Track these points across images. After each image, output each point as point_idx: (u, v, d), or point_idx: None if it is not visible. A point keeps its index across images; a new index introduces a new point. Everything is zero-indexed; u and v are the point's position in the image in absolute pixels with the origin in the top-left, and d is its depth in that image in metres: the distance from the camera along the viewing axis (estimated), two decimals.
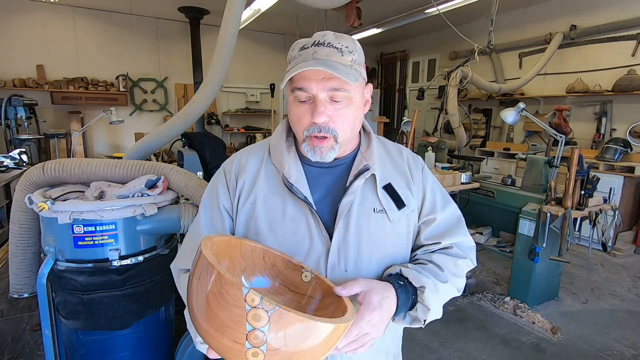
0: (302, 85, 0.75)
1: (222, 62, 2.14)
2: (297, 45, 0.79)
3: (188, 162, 2.47)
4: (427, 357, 2.38)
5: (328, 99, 0.75)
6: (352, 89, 0.76)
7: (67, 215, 1.44)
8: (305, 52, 0.75)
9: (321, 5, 2.52)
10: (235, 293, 0.51)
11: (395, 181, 0.85)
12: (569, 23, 5.08)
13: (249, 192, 0.84)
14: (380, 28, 6.25)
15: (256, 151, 0.89)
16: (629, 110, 4.64)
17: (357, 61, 0.77)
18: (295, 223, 0.80)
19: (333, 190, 0.83)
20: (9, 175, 3.61)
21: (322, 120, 0.75)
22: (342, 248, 0.79)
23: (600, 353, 2.44)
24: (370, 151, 0.85)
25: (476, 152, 5.88)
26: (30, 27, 5.67)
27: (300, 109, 0.77)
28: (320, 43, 0.75)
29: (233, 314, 0.52)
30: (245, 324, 0.51)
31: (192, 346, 1.69)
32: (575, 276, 3.57)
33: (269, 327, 0.51)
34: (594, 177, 2.71)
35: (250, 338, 0.51)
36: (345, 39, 0.77)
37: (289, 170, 0.81)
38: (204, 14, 5.91)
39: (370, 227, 0.80)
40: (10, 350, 2.29)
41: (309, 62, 0.72)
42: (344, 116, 0.77)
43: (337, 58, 0.74)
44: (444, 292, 0.82)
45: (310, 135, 0.77)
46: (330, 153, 0.79)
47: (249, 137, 7.32)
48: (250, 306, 0.51)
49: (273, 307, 0.51)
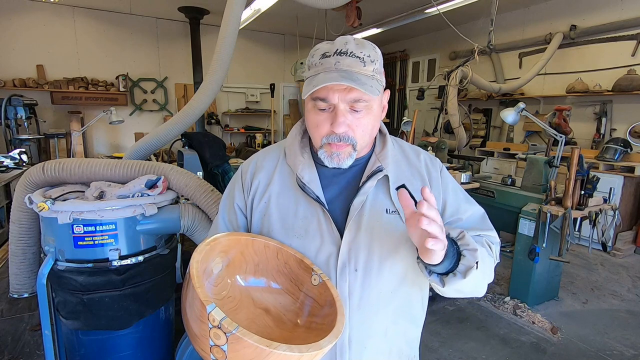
0: (324, 96, 0.75)
1: (222, 62, 2.14)
2: (317, 51, 0.78)
3: (188, 162, 2.47)
4: (427, 357, 2.38)
5: (348, 109, 0.76)
6: (373, 99, 0.77)
7: (67, 215, 1.44)
8: (327, 61, 0.75)
9: (321, 5, 2.52)
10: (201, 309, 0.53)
11: (410, 182, 0.84)
12: (569, 23, 5.08)
13: (263, 192, 0.86)
14: (380, 28, 6.25)
15: (273, 152, 0.92)
16: (629, 110, 4.64)
17: (378, 70, 0.78)
18: (307, 222, 0.81)
19: (345, 191, 0.84)
20: (9, 175, 3.60)
21: (342, 130, 0.76)
22: (353, 247, 0.80)
23: (600, 353, 2.44)
24: (385, 152, 0.86)
25: (476, 152, 5.88)
26: (30, 27, 5.67)
27: (320, 116, 0.78)
28: (342, 52, 0.74)
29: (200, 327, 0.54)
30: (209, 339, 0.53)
31: (192, 346, 1.69)
32: (575, 276, 3.57)
33: (228, 348, 0.53)
34: (594, 177, 2.71)
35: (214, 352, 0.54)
36: (366, 47, 0.76)
37: (302, 171, 0.83)
38: (204, 14, 5.91)
39: (382, 227, 0.80)
40: (10, 350, 2.29)
41: (333, 75, 0.72)
42: (363, 125, 0.78)
43: (360, 69, 0.74)
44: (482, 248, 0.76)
45: (330, 142, 0.78)
46: (347, 160, 0.80)
47: (249, 137, 7.32)
48: (212, 325, 0.53)
49: (232, 329, 0.52)
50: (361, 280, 0.80)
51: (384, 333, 0.84)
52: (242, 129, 7.38)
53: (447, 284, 0.71)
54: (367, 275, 0.80)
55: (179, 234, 1.84)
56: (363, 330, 0.81)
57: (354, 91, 0.73)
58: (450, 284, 0.70)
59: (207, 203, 1.67)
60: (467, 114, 5.33)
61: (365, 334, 0.82)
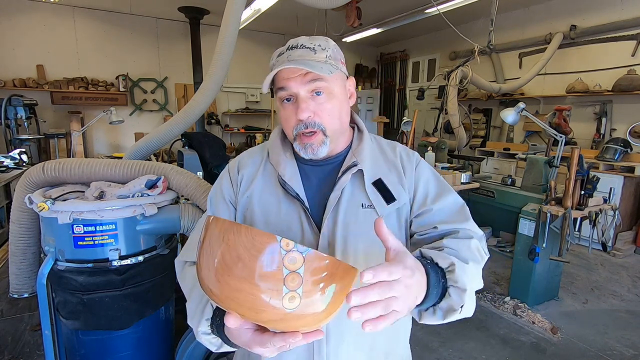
0: (283, 85, 0.79)
1: (222, 62, 2.14)
2: (275, 53, 0.83)
3: (188, 162, 2.47)
4: (427, 357, 2.38)
5: (309, 95, 0.79)
6: (332, 81, 0.80)
7: (67, 215, 1.44)
8: (282, 57, 0.80)
9: (321, 5, 2.52)
10: (269, 241, 0.55)
11: (386, 176, 0.86)
12: (569, 23, 5.08)
13: (247, 186, 0.88)
14: (380, 28, 6.26)
15: (257, 152, 0.95)
16: (629, 110, 4.64)
17: (332, 57, 0.81)
18: (289, 219, 0.84)
19: (323, 187, 0.86)
20: (9, 175, 3.61)
21: (306, 115, 0.78)
22: (331, 242, 0.82)
23: (600, 353, 2.44)
24: (361, 148, 0.88)
25: (476, 152, 5.88)
26: (30, 27, 5.67)
27: (287, 110, 0.81)
28: (293, 47, 0.80)
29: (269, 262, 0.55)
30: (283, 269, 0.54)
31: (192, 346, 1.69)
32: (575, 276, 3.57)
33: (304, 269, 0.54)
34: (594, 177, 2.71)
35: (288, 282, 0.54)
36: (317, 39, 0.81)
37: (284, 169, 0.85)
38: (204, 14, 5.91)
39: (357, 222, 0.82)
40: (10, 350, 2.29)
41: (284, 64, 0.77)
42: (328, 109, 0.80)
43: (311, 56, 0.78)
44: (470, 274, 0.71)
45: (299, 133, 0.81)
46: (321, 148, 0.81)
47: (249, 137, 7.32)
48: (285, 250, 0.54)
49: (306, 249, 0.54)
50: None
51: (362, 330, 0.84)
52: (242, 129, 7.38)
53: (423, 319, 0.69)
54: None
55: (179, 234, 1.84)
56: (341, 324, 0.81)
57: (308, 75, 0.77)
58: (426, 320, 0.69)
59: None
60: (467, 114, 5.33)
61: (343, 327, 0.82)
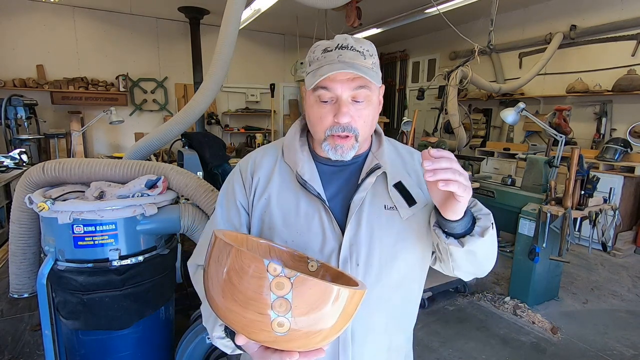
0: (328, 85, 0.77)
1: (222, 62, 2.14)
2: (318, 47, 0.81)
3: (188, 162, 2.47)
4: (427, 357, 2.38)
5: (350, 100, 0.78)
6: (373, 89, 0.80)
7: (67, 215, 1.44)
8: (329, 55, 0.78)
9: (321, 5, 2.52)
10: (257, 265, 0.54)
11: (405, 179, 0.86)
12: (569, 23, 5.08)
13: (263, 189, 0.87)
14: (380, 28, 6.25)
15: (270, 150, 0.93)
16: (629, 110, 4.64)
17: (376, 64, 0.81)
18: (309, 219, 0.83)
19: (345, 188, 0.86)
20: (9, 175, 3.61)
21: (346, 120, 0.77)
22: (354, 243, 0.81)
23: (600, 353, 2.44)
24: (381, 151, 0.88)
25: (476, 152, 5.88)
26: (30, 27, 5.68)
27: (323, 109, 0.80)
28: (344, 46, 0.78)
29: (257, 286, 0.54)
30: (270, 294, 0.54)
31: (192, 346, 1.69)
32: (575, 276, 3.57)
33: (293, 294, 0.53)
34: (594, 177, 2.71)
35: (275, 307, 0.54)
36: (365, 43, 0.80)
37: (302, 168, 0.84)
38: (204, 14, 5.91)
39: (381, 223, 0.82)
40: (10, 350, 2.29)
41: (337, 65, 0.75)
42: (365, 116, 0.80)
43: (361, 61, 0.77)
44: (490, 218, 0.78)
45: (333, 134, 0.80)
46: (350, 152, 0.81)
47: (249, 137, 7.32)
48: (272, 275, 0.53)
49: (294, 274, 0.53)
50: (363, 274, 0.81)
51: (384, 328, 0.85)
52: (242, 129, 7.38)
53: (466, 244, 0.73)
54: (368, 270, 0.81)
55: (179, 234, 1.84)
56: (365, 325, 0.83)
57: (357, 80, 0.76)
58: (469, 244, 0.73)
59: (207, 203, 1.67)
60: (467, 114, 5.33)
61: (367, 328, 0.83)
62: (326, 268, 0.79)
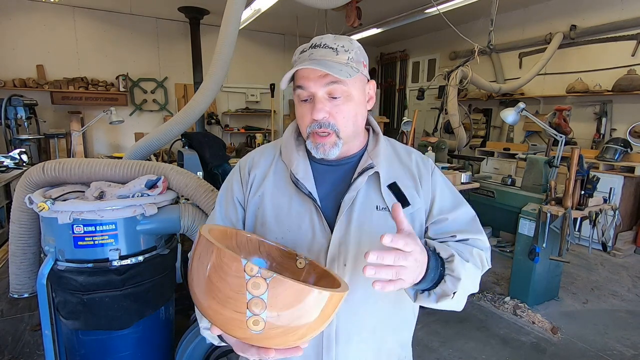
0: (301, 84, 0.79)
1: (222, 62, 2.14)
2: (298, 50, 0.84)
3: (188, 162, 2.47)
4: (427, 357, 2.38)
5: (327, 96, 0.79)
6: (350, 84, 0.79)
7: (67, 215, 1.44)
8: (304, 55, 0.81)
9: (321, 5, 2.52)
10: (235, 265, 0.55)
11: (401, 180, 0.86)
12: (569, 23, 5.08)
13: (258, 186, 0.89)
14: (380, 28, 6.25)
15: (269, 149, 0.95)
16: (629, 110, 4.64)
17: (354, 59, 0.80)
18: (300, 217, 0.84)
19: (338, 187, 0.86)
20: (9, 175, 3.61)
21: (321, 116, 0.78)
22: (343, 243, 0.81)
23: (600, 353, 2.44)
24: (377, 151, 0.88)
25: (476, 152, 5.88)
26: (30, 27, 5.67)
27: (303, 108, 0.82)
28: (317, 45, 0.80)
29: (234, 285, 0.55)
30: (246, 293, 0.55)
31: (192, 346, 1.69)
32: (575, 276, 3.57)
33: (268, 295, 0.55)
34: (594, 177, 2.71)
35: (251, 306, 0.55)
36: (342, 40, 0.81)
37: (296, 167, 0.85)
38: (204, 14, 5.91)
39: (372, 224, 0.82)
40: (10, 350, 2.29)
41: (305, 63, 0.77)
42: (344, 112, 0.80)
43: (332, 57, 0.78)
44: (467, 270, 0.77)
45: (313, 132, 0.81)
46: (333, 149, 0.81)
47: (249, 137, 7.31)
48: (249, 275, 0.55)
49: (270, 275, 0.54)
50: (349, 275, 0.81)
51: (372, 330, 0.85)
52: (242, 129, 7.37)
53: (418, 300, 0.76)
54: (355, 270, 0.81)
55: (179, 234, 1.84)
56: (350, 325, 0.83)
57: (327, 77, 0.77)
58: (420, 302, 0.75)
59: (207, 203, 1.67)
60: (467, 114, 5.33)
61: (352, 329, 0.83)
62: (314, 266, 0.79)
